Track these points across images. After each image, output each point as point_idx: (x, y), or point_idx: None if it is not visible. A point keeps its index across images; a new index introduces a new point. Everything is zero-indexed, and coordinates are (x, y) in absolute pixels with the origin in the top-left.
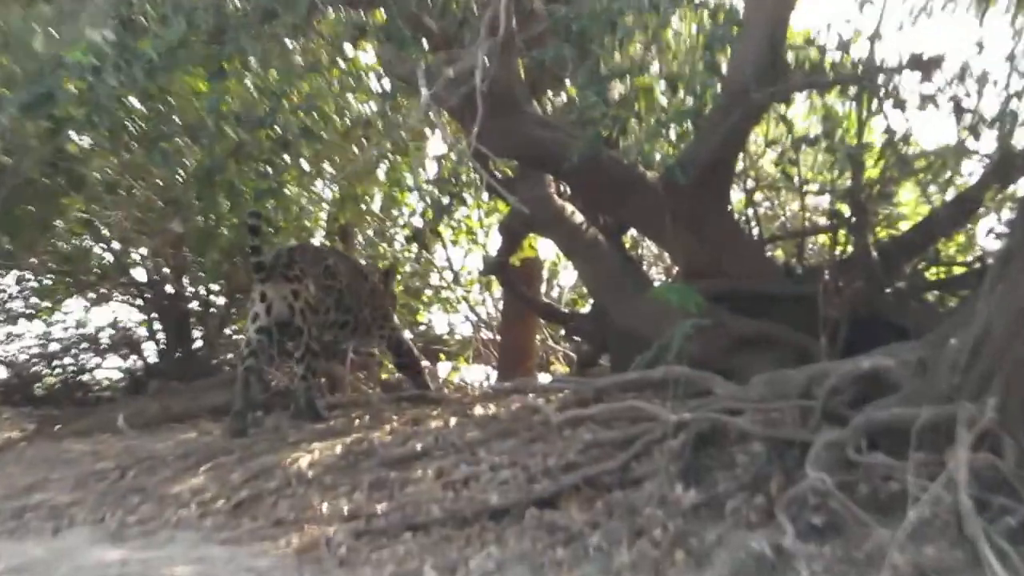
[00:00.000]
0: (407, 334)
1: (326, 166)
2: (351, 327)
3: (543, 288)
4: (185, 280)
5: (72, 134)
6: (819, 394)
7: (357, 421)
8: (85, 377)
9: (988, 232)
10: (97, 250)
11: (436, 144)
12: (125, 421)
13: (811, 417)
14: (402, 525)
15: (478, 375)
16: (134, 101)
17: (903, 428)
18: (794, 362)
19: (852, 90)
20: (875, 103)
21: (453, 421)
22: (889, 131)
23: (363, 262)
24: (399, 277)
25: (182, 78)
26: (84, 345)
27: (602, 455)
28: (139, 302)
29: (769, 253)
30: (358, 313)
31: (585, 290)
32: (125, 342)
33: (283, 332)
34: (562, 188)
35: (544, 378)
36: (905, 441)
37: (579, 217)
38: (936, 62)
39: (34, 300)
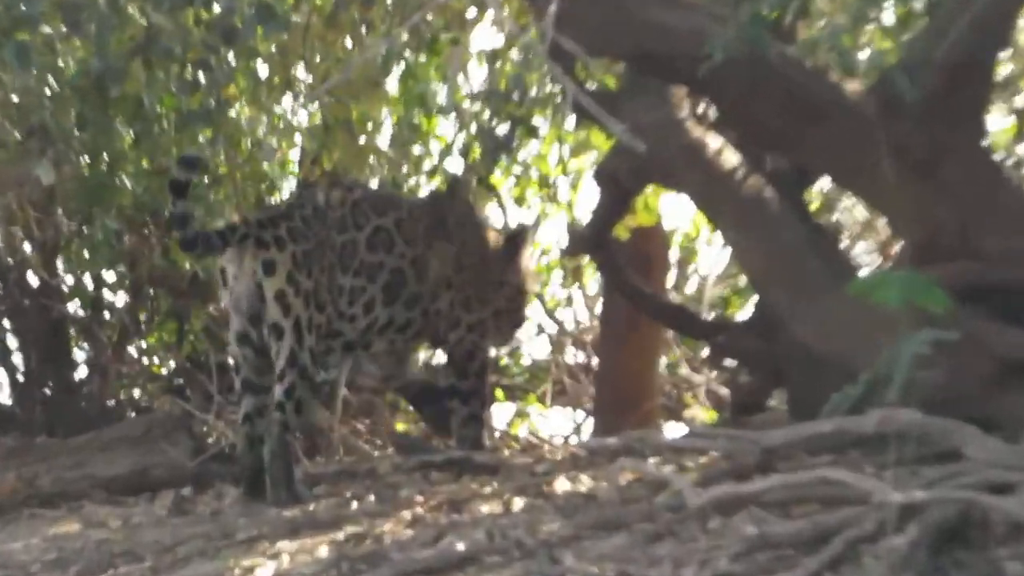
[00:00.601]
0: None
1: (299, 72)
2: (415, 329)
3: (671, 278)
4: (60, 265)
5: None
6: None
7: (355, 503)
8: None
9: None
10: None
11: (486, 34)
12: None
13: None
14: None
15: (562, 425)
16: None
17: None
18: None
19: None
20: None
21: (519, 503)
22: None
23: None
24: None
25: None
26: None
27: (776, 561)
28: None
29: None
30: (429, 304)
31: (743, 282)
32: None
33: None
34: (702, 109)
35: (674, 430)
36: None
37: (731, 158)
38: None
39: None
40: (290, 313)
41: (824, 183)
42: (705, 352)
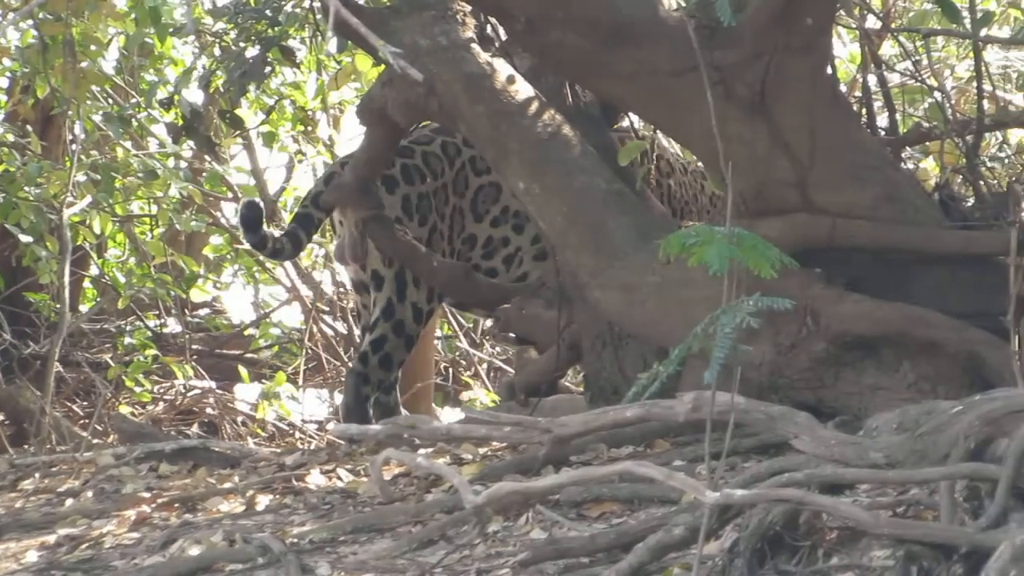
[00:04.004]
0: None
1: None
2: None
3: None
4: None
5: None
6: (1005, 451)
7: (70, 501)
8: None
9: None
10: None
11: None
12: None
13: (987, 498)
14: None
15: (317, 409)
16: None
17: None
18: (956, 384)
19: None
20: None
21: (265, 501)
22: None
23: None
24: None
25: None
26: None
27: (567, 572)
28: None
29: (909, 166)
30: None
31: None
32: None
33: None
34: (490, 29)
35: (450, 415)
36: None
37: (525, 89)
38: None
39: None
40: (393, 263)
41: (635, 121)
42: (488, 323)
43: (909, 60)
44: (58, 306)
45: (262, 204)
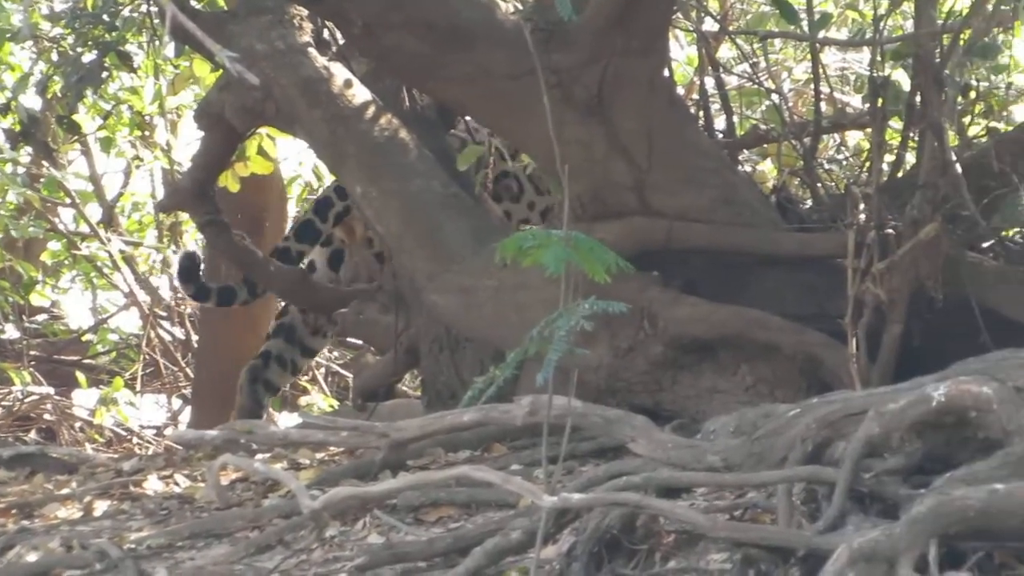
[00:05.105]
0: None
1: None
2: None
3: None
4: None
5: None
6: (843, 453)
7: None
8: None
9: None
10: None
11: None
12: None
13: (825, 501)
14: None
15: (154, 414)
16: None
17: (1014, 524)
18: (794, 386)
19: None
20: None
21: (103, 507)
22: None
23: None
24: None
25: None
26: None
27: None
28: None
29: (746, 168)
30: None
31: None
32: None
33: None
34: (327, 33)
35: (288, 420)
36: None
37: (362, 93)
38: None
39: None
40: None
41: (471, 123)
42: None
43: (747, 62)
44: None
45: (200, 255)
